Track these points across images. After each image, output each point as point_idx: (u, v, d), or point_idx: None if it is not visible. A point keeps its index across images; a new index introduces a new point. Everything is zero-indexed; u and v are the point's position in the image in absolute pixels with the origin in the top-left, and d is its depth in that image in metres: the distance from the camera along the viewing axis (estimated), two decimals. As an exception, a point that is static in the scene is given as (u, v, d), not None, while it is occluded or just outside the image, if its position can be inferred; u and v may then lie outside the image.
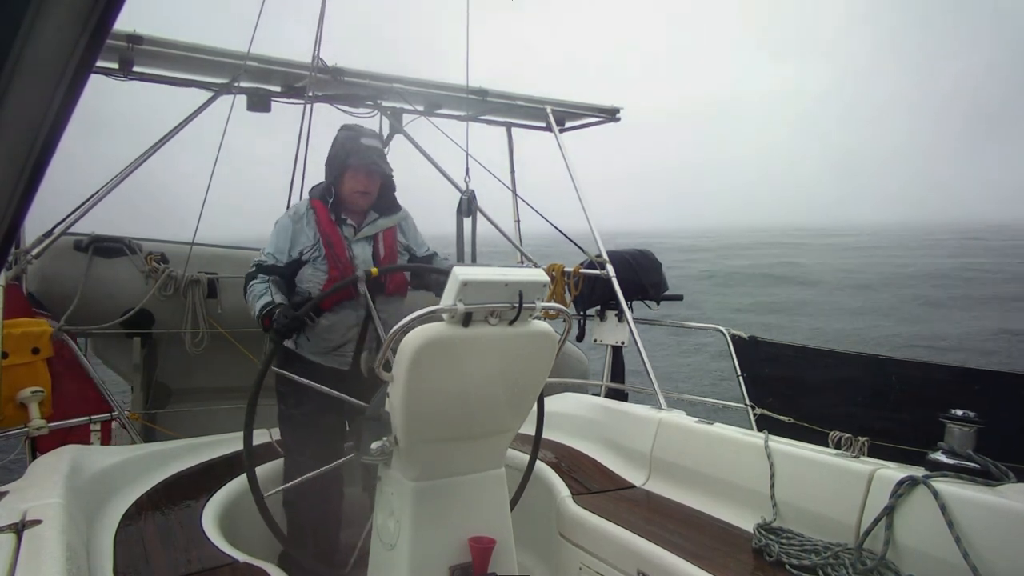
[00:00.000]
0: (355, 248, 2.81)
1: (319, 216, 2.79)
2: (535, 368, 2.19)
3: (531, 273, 2.10)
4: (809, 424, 3.45)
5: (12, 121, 0.60)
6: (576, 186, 4.68)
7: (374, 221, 2.87)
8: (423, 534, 2.09)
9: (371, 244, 2.86)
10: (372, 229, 2.86)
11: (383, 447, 2.08)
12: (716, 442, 2.83)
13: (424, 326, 1.95)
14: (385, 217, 2.90)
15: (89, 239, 4.00)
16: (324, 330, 2.73)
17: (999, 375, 3.72)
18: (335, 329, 2.75)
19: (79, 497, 2.24)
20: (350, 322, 2.76)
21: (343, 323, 2.76)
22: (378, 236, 2.88)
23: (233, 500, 2.62)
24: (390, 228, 2.92)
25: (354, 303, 2.76)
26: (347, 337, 2.77)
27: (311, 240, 2.76)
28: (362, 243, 2.83)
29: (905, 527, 2.11)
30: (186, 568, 2.08)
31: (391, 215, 2.92)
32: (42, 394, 3.01)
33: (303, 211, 2.81)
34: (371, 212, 2.89)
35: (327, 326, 2.73)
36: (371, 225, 2.86)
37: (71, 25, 0.56)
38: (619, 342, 4.61)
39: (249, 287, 2.71)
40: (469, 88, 4.40)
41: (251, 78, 3.97)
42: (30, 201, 0.66)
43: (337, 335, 2.76)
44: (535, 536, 2.89)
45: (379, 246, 2.87)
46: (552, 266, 4.74)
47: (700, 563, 2.18)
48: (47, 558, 1.66)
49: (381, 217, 2.89)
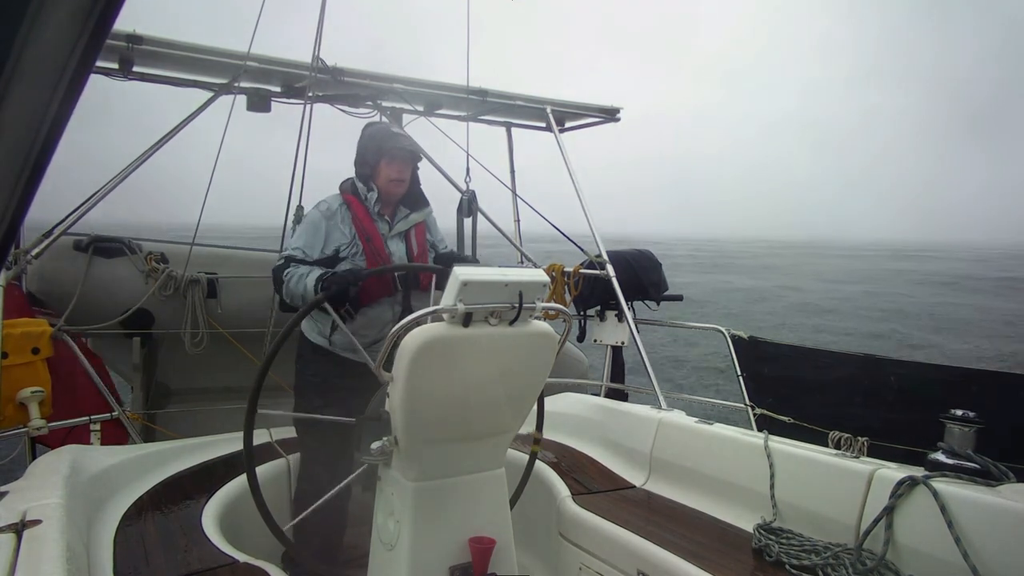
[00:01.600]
0: (391, 244, 2.81)
1: (355, 211, 2.76)
2: (535, 368, 2.19)
3: (531, 273, 2.10)
4: (809, 424, 3.46)
5: (12, 121, 0.60)
6: (576, 186, 4.68)
7: (406, 216, 2.87)
8: (423, 534, 2.09)
9: (404, 240, 2.86)
10: (405, 225, 2.86)
11: (383, 447, 2.08)
12: (716, 442, 2.83)
13: (424, 326, 1.95)
14: (415, 212, 2.90)
15: (89, 239, 4.00)
16: (361, 325, 2.71)
17: (999, 375, 3.72)
18: (371, 325, 2.74)
19: (79, 497, 2.24)
20: (386, 318, 2.75)
21: (380, 319, 2.75)
22: (410, 232, 2.88)
23: (233, 500, 2.62)
24: (420, 223, 2.93)
25: (391, 299, 2.75)
26: (383, 333, 2.76)
27: (347, 237, 2.73)
28: (396, 239, 2.83)
29: (905, 527, 2.11)
30: (186, 568, 2.08)
31: (420, 210, 2.92)
32: (42, 394, 3.01)
33: (336, 207, 2.78)
34: (401, 208, 2.87)
35: (363, 322, 2.72)
36: (404, 221, 2.86)
37: (71, 25, 0.56)
38: (619, 342, 4.61)
39: (285, 274, 2.65)
40: (469, 88, 4.40)
41: (251, 78, 3.97)
42: (30, 201, 0.66)
43: (374, 330, 2.74)
44: (535, 536, 2.89)
45: (412, 242, 2.87)
46: (552, 266, 4.74)
47: (700, 563, 2.18)
48: (47, 558, 1.66)
49: (412, 212, 2.89)
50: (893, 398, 3.61)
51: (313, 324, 2.87)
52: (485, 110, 4.89)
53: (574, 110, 5.08)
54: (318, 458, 2.78)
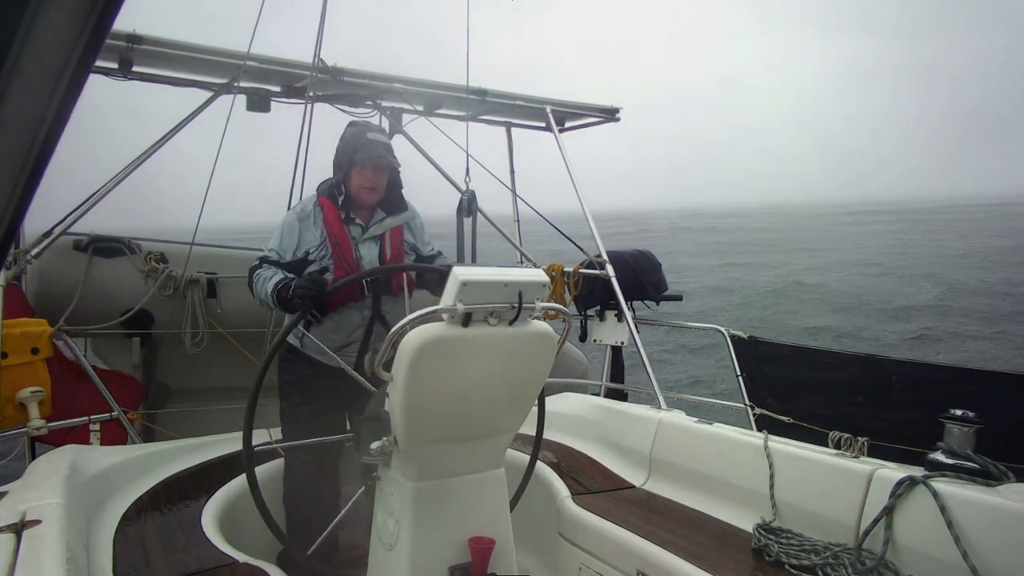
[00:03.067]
0: (362, 248, 2.79)
1: (327, 214, 2.76)
2: (535, 368, 2.19)
3: (531, 273, 2.10)
4: (809, 424, 3.46)
5: (11, 121, 0.60)
6: (576, 186, 4.68)
7: (381, 220, 2.85)
8: (423, 534, 2.09)
9: (378, 244, 2.84)
10: (379, 229, 2.84)
11: (383, 447, 2.08)
12: (716, 442, 2.83)
13: (424, 326, 1.95)
14: (392, 216, 2.88)
15: (89, 239, 4.00)
16: (328, 329, 2.72)
17: (998, 375, 3.72)
18: (339, 329, 2.75)
19: (79, 497, 2.24)
20: (355, 322, 2.75)
21: (348, 323, 2.75)
22: (385, 236, 2.86)
23: (233, 500, 2.62)
24: (397, 227, 2.90)
25: (359, 303, 2.74)
26: (352, 337, 2.75)
27: (317, 239, 2.73)
28: (369, 243, 2.82)
29: (904, 527, 2.11)
30: (185, 568, 2.08)
31: (398, 214, 2.90)
32: (42, 394, 3.01)
33: (310, 209, 2.78)
34: (378, 211, 2.86)
35: (331, 326, 2.72)
36: (378, 225, 2.84)
37: (70, 25, 0.56)
38: (619, 342, 4.61)
39: (255, 275, 2.67)
40: (469, 88, 4.40)
41: (251, 78, 3.97)
42: (29, 200, 0.66)
43: (341, 335, 2.75)
44: (535, 536, 2.88)
45: (386, 246, 2.85)
46: (552, 266, 4.74)
47: (699, 563, 2.18)
48: (47, 558, 1.66)
49: (388, 216, 2.87)
50: (893, 398, 3.60)
51: None
52: (485, 110, 4.89)
53: (574, 110, 5.09)
54: (301, 456, 2.78)
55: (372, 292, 2.76)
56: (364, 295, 2.75)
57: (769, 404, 3.88)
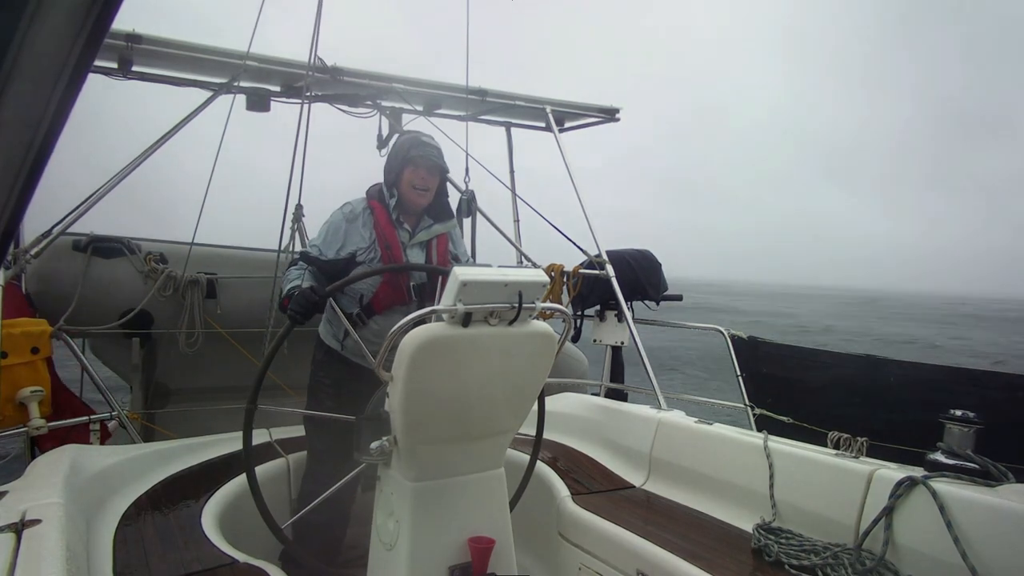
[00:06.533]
0: (409, 253, 2.78)
1: (377, 217, 2.75)
2: (535, 368, 2.19)
3: (530, 273, 2.10)
4: (808, 424, 3.46)
5: (10, 120, 0.60)
6: (575, 186, 4.68)
7: (429, 227, 2.85)
8: (422, 534, 2.09)
9: (424, 250, 2.83)
10: (427, 235, 2.84)
11: (382, 447, 2.08)
12: (715, 442, 2.83)
13: (424, 326, 1.95)
14: (440, 223, 2.88)
15: (88, 239, 4.00)
16: (373, 333, 2.69)
17: (998, 375, 3.72)
18: (384, 332, 2.72)
19: (79, 497, 2.24)
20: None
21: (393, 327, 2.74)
22: (431, 243, 2.85)
23: (233, 500, 2.62)
24: (443, 235, 2.90)
25: (405, 308, 2.72)
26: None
27: (366, 241, 2.72)
28: (416, 249, 2.81)
29: (904, 527, 2.11)
30: (185, 568, 2.08)
31: (445, 222, 2.90)
32: (42, 394, 3.01)
33: (359, 210, 2.77)
34: (425, 218, 2.86)
35: (377, 330, 2.70)
36: (426, 231, 2.84)
37: (69, 24, 0.56)
38: (618, 342, 4.61)
39: (286, 272, 2.72)
40: (469, 88, 4.40)
41: (250, 78, 3.97)
42: (28, 200, 0.66)
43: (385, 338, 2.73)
44: (535, 536, 2.88)
45: (432, 253, 2.84)
46: (552, 266, 4.74)
47: (699, 563, 2.18)
48: (47, 558, 1.66)
49: (435, 223, 2.87)
50: (893, 398, 3.61)
51: (328, 328, 2.88)
52: (485, 110, 4.89)
53: (573, 110, 5.09)
54: (325, 459, 2.77)
55: (418, 297, 2.76)
56: (411, 299, 2.75)
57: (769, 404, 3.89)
